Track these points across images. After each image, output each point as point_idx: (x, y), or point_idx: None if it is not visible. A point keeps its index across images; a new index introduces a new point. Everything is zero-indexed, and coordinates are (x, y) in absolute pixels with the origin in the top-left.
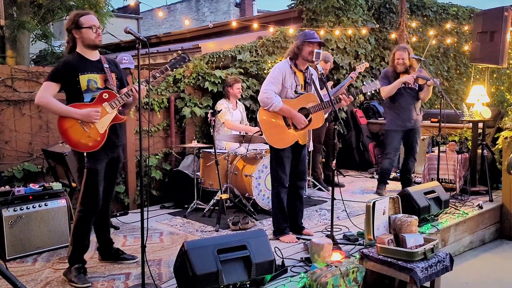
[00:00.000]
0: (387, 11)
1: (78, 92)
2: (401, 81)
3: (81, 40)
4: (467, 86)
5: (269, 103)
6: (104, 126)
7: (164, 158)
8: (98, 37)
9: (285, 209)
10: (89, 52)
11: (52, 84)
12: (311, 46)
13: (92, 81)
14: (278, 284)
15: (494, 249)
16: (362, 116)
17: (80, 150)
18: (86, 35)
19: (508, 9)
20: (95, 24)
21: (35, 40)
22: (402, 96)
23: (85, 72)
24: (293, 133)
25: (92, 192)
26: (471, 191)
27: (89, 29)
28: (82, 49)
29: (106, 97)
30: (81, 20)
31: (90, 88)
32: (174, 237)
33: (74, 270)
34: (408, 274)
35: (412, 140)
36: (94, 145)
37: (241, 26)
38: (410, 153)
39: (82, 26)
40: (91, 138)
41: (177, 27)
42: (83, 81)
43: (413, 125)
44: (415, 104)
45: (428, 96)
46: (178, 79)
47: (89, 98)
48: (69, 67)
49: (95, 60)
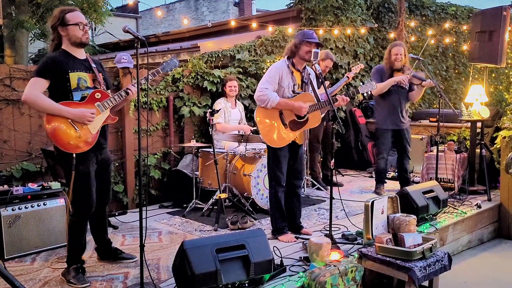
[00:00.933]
0: (386, 10)
1: (67, 90)
2: (395, 80)
3: (67, 37)
4: (466, 85)
5: (265, 99)
6: (97, 126)
7: (163, 157)
8: (85, 34)
9: (283, 208)
10: (76, 50)
11: (40, 80)
12: (309, 46)
13: (82, 79)
14: (276, 284)
15: (493, 248)
16: (361, 115)
17: (69, 151)
18: (73, 32)
19: (507, 9)
20: (81, 21)
21: (33, 39)
22: (392, 95)
23: (74, 70)
24: (290, 132)
25: (84, 194)
26: (470, 190)
27: (75, 26)
28: (68, 46)
29: (99, 97)
30: (67, 17)
31: (80, 86)
32: (173, 237)
33: (73, 270)
34: (406, 273)
35: (403, 139)
36: (84, 146)
37: (240, 26)
38: (403, 153)
39: (68, 23)
40: (82, 139)
41: (176, 27)
42: (73, 79)
43: (402, 124)
44: (404, 104)
45: (419, 97)
46: (177, 78)
47: (79, 97)
48: (58, 63)
49: (82, 59)
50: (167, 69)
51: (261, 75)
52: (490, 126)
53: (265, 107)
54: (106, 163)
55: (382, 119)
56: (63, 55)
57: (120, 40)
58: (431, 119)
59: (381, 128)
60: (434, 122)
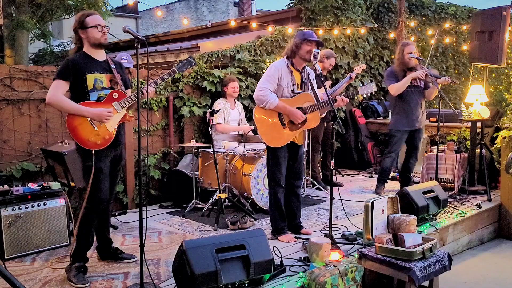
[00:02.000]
0: (386, 10)
1: (84, 91)
2: (412, 77)
3: (87, 39)
4: (466, 85)
5: (264, 100)
6: (114, 125)
7: (162, 157)
8: (103, 35)
9: (282, 209)
10: (95, 51)
11: (62, 82)
12: (310, 45)
13: (98, 80)
14: (276, 284)
15: (493, 248)
16: (361, 115)
17: (88, 147)
18: (92, 34)
19: (507, 9)
20: (100, 23)
21: (33, 39)
22: (409, 96)
23: (92, 71)
24: (288, 132)
25: (99, 190)
26: (470, 190)
27: (94, 28)
28: (88, 48)
29: (116, 97)
30: (87, 20)
31: (96, 87)
32: (173, 237)
33: (74, 269)
34: (406, 274)
35: (416, 140)
36: (103, 143)
37: (239, 26)
38: (413, 153)
39: (87, 26)
40: (100, 136)
41: (176, 27)
42: (90, 80)
43: (419, 125)
44: (421, 103)
45: (434, 94)
46: (176, 78)
47: (95, 97)
48: (77, 65)
49: (101, 60)
50: (183, 68)
51: (260, 75)
52: (490, 126)
53: (263, 107)
54: (118, 160)
55: (399, 119)
56: (82, 57)
57: (120, 40)
58: (431, 119)
59: (397, 129)
60: (434, 122)
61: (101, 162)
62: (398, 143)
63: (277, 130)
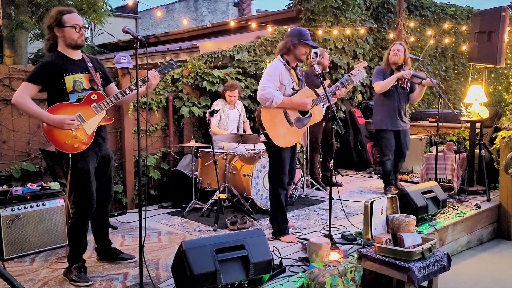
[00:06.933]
0: (385, 11)
1: (64, 93)
2: (397, 76)
3: (63, 39)
4: (465, 86)
5: (269, 98)
6: (92, 127)
7: (162, 157)
8: (81, 36)
9: (284, 210)
10: (71, 51)
11: (31, 85)
12: (306, 47)
13: (77, 81)
14: (276, 284)
15: (492, 248)
16: (360, 116)
17: (66, 151)
18: (69, 34)
19: (506, 9)
20: (78, 23)
21: (33, 39)
22: (393, 96)
23: (70, 72)
24: (296, 130)
25: (84, 193)
26: (469, 190)
27: (72, 28)
28: (64, 48)
29: (95, 98)
30: (64, 19)
31: (76, 89)
32: (172, 237)
33: (75, 269)
34: (406, 274)
35: (402, 142)
36: (80, 146)
37: (239, 26)
38: (400, 156)
39: (64, 25)
40: (78, 139)
41: (176, 27)
42: (68, 82)
43: (402, 126)
44: (405, 106)
45: (419, 98)
46: (176, 78)
47: (75, 98)
48: (52, 68)
49: (78, 60)
50: (164, 71)
51: (260, 76)
52: (489, 126)
53: (269, 106)
54: (106, 160)
55: (381, 118)
56: (58, 58)
57: (120, 41)
58: (431, 119)
59: (381, 128)
60: (434, 122)
61: (84, 164)
62: (388, 143)
63: (286, 130)
